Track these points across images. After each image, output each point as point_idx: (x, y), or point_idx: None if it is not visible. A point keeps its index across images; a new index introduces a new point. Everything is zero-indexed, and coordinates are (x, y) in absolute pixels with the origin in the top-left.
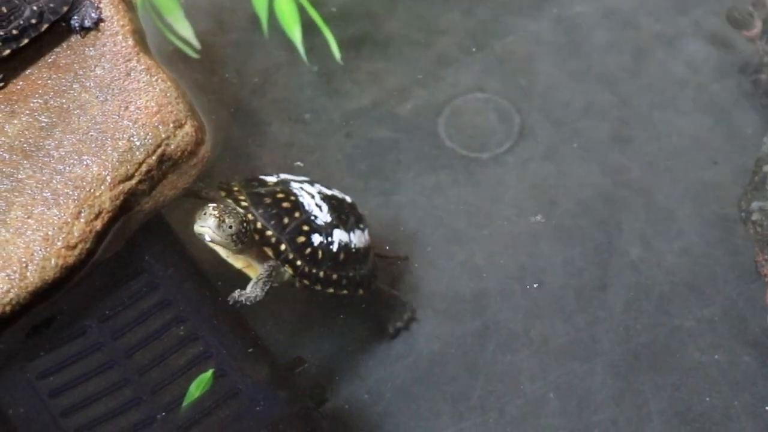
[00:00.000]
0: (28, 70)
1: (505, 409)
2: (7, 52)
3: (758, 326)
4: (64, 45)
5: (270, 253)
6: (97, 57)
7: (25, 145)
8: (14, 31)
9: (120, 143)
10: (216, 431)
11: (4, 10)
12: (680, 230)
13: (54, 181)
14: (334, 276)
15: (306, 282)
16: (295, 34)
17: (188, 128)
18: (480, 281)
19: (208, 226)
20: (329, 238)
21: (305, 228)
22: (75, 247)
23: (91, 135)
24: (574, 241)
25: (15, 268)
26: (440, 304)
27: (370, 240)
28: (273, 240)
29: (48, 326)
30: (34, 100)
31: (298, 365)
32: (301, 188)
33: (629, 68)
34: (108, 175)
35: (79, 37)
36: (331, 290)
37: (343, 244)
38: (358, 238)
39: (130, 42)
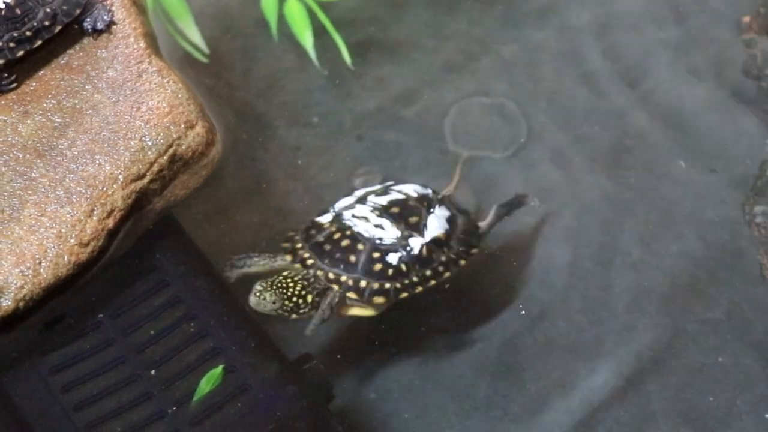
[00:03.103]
0: (41, 71)
1: (509, 407)
2: (21, 53)
3: (762, 328)
4: (77, 47)
5: (354, 296)
6: (110, 59)
7: (38, 145)
8: (28, 33)
9: (132, 143)
10: (225, 426)
11: (18, 11)
12: (683, 233)
13: (67, 179)
14: (428, 272)
15: (405, 295)
16: (307, 39)
17: (199, 129)
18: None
19: (251, 303)
20: (407, 248)
21: (375, 255)
22: (87, 244)
23: (104, 135)
24: (579, 242)
25: (29, 264)
26: (446, 302)
27: (452, 209)
28: (351, 283)
29: (61, 322)
30: (48, 101)
31: (306, 362)
32: (353, 216)
33: (631, 74)
34: (120, 174)
35: (91, 39)
36: (433, 282)
37: (423, 244)
38: (436, 225)
39: (142, 44)
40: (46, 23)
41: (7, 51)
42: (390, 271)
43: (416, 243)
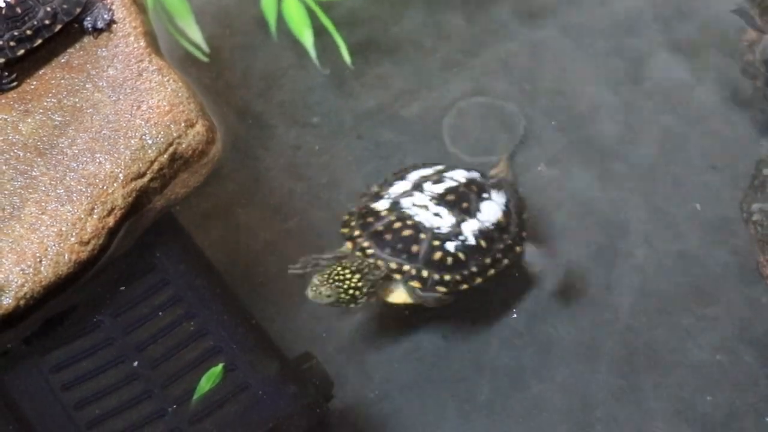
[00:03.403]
0: (42, 70)
1: (509, 406)
2: (21, 52)
3: (760, 326)
4: (77, 45)
5: (417, 284)
6: (110, 57)
7: (39, 143)
8: (28, 32)
9: (132, 141)
10: (225, 424)
11: (19, 10)
12: (682, 232)
13: (67, 178)
14: (488, 260)
15: (465, 287)
16: (306, 38)
17: (199, 127)
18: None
19: (309, 297)
20: (460, 237)
21: (435, 244)
22: (88, 242)
23: (104, 133)
24: (579, 242)
25: (29, 263)
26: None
27: (505, 194)
28: (413, 272)
29: (61, 321)
30: (48, 99)
31: (306, 361)
32: (413, 204)
33: (632, 74)
34: (120, 172)
35: (91, 38)
36: (492, 272)
37: (477, 231)
38: (488, 212)
39: (142, 43)
40: (47, 22)
41: (8, 50)
42: (449, 260)
43: (470, 227)
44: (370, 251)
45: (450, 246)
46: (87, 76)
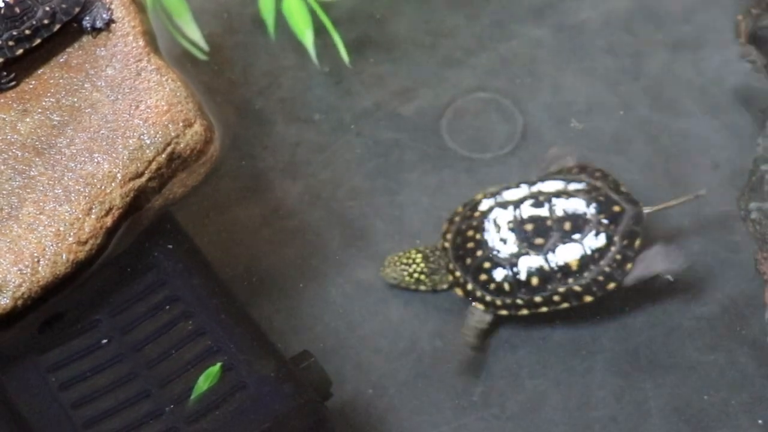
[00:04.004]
0: (41, 70)
1: (506, 405)
2: (20, 51)
3: (757, 325)
4: (76, 45)
5: (460, 293)
6: (108, 57)
7: (37, 143)
8: (27, 31)
9: (130, 141)
10: (223, 423)
11: (18, 10)
12: (681, 230)
13: (65, 178)
14: (538, 299)
15: (504, 312)
16: (307, 37)
17: (197, 127)
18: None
19: (381, 274)
20: (514, 269)
21: (486, 266)
22: (86, 242)
23: (102, 133)
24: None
25: (27, 262)
26: (443, 302)
27: (610, 238)
28: (461, 281)
29: (59, 320)
30: (46, 99)
31: (304, 359)
32: (492, 219)
33: (630, 71)
34: (119, 172)
35: (90, 37)
36: (544, 309)
37: (534, 269)
38: (563, 254)
39: (141, 42)
40: (45, 22)
41: (7, 49)
42: (492, 286)
43: (527, 262)
44: (446, 245)
45: (497, 273)
46: (85, 76)
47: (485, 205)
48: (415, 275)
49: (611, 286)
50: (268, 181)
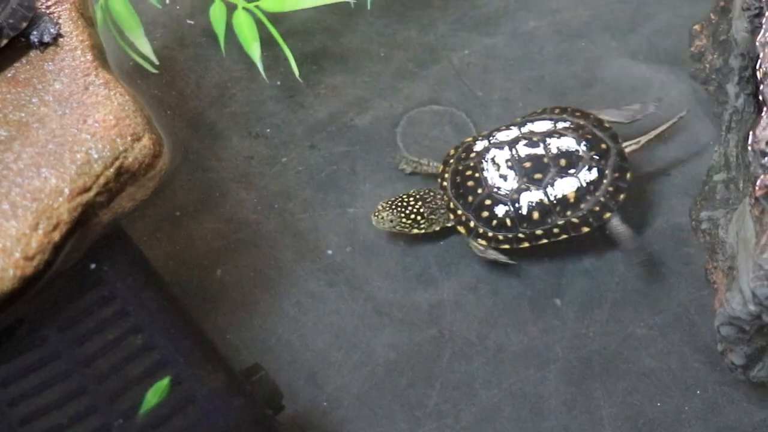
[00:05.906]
0: None
1: (460, 416)
2: None
3: (708, 332)
4: (24, 60)
5: (463, 230)
6: (56, 71)
7: None
8: None
9: (78, 156)
10: None
11: None
12: (634, 240)
13: (12, 193)
14: (539, 231)
15: (506, 246)
16: (254, 51)
17: (146, 141)
18: (436, 291)
19: (373, 223)
20: (516, 204)
21: (487, 202)
22: (33, 258)
23: (50, 148)
24: (529, 250)
25: None
26: (397, 313)
27: (606, 170)
28: (463, 218)
29: (7, 336)
30: None
31: (255, 372)
32: (490, 159)
33: (582, 79)
34: (66, 187)
35: (38, 52)
36: (544, 241)
37: (534, 203)
38: (560, 187)
39: (89, 57)
40: None
41: None
42: (494, 222)
43: (528, 197)
44: (444, 184)
45: (499, 209)
46: (33, 91)
47: (480, 146)
48: (412, 216)
49: (606, 215)
50: (220, 193)
